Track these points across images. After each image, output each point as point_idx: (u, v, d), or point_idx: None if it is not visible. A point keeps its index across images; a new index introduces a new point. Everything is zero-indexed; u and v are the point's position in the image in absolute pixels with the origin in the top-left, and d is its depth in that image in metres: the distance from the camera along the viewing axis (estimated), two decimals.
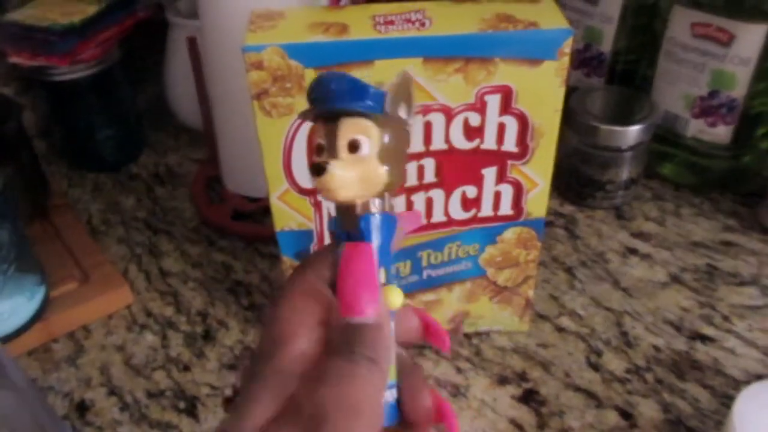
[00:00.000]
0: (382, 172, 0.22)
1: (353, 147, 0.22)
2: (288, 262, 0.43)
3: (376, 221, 0.23)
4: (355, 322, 0.21)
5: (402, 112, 0.23)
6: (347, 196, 0.22)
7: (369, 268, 0.22)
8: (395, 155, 0.22)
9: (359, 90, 0.22)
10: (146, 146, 0.70)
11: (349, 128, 0.22)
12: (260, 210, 0.59)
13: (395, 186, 0.23)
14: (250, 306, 0.51)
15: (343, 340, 0.21)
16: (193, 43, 0.55)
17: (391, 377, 0.24)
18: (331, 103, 0.22)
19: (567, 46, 0.34)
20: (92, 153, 0.67)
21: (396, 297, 0.23)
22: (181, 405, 0.44)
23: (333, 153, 0.22)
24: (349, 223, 0.23)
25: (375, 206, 0.23)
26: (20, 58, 0.58)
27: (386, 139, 0.22)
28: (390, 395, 0.24)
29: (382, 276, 0.23)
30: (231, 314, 0.51)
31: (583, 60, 0.65)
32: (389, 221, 0.23)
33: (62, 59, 0.58)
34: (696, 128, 0.57)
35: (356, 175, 0.22)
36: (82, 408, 0.45)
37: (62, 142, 0.68)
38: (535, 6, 0.36)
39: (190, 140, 0.71)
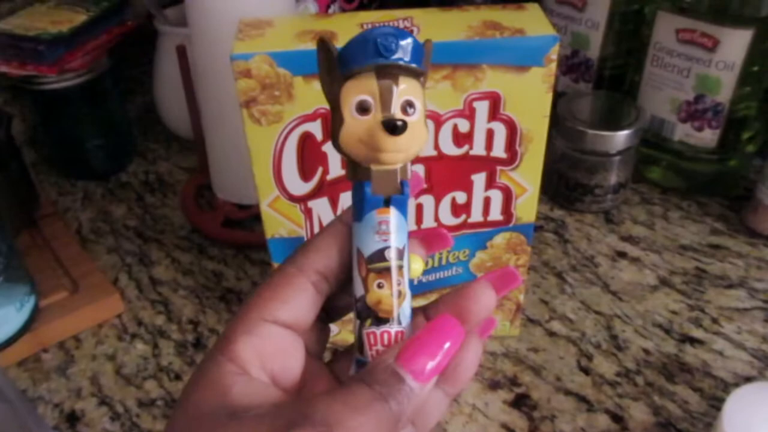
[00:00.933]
0: (426, 135, 0.21)
1: (406, 109, 0.21)
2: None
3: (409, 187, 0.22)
4: (404, 376, 0.20)
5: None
6: (404, 158, 0.21)
7: (454, 346, 0.21)
8: (425, 118, 0.22)
9: (420, 49, 0.21)
10: (136, 155, 0.70)
11: (407, 88, 0.21)
12: (251, 217, 0.59)
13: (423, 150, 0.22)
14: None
15: (383, 379, 0.20)
16: (182, 52, 0.55)
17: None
18: (395, 57, 0.20)
19: (554, 53, 0.35)
20: (82, 162, 0.66)
21: (417, 265, 0.23)
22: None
23: (387, 111, 0.20)
24: (390, 188, 0.22)
25: (409, 171, 0.22)
26: (8, 67, 0.58)
27: (425, 101, 0.21)
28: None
29: (406, 249, 0.22)
30: (222, 322, 0.51)
31: (571, 66, 0.65)
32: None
33: (51, 68, 0.58)
34: (683, 132, 0.58)
35: (411, 137, 0.21)
36: (73, 418, 0.44)
37: (52, 151, 0.68)
38: (522, 13, 0.36)
39: (181, 148, 0.71)
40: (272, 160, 0.38)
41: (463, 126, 0.37)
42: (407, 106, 0.21)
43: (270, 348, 0.22)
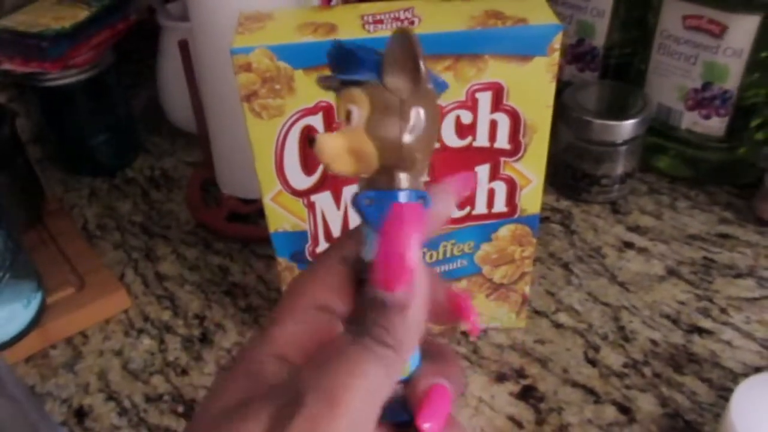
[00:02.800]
0: (369, 144, 0.21)
1: (347, 117, 0.21)
2: (283, 263, 0.43)
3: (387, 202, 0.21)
4: (380, 298, 0.20)
5: (403, 80, 0.20)
6: (344, 169, 0.21)
7: (410, 236, 0.20)
8: (386, 127, 0.21)
9: (351, 59, 0.21)
10: (141, 150, 0.70)
11: (345, 98, 0.21)
12: (256, 212, 0.58)
13: (400, 162, 0.21)
14: (247, 308, 0.51)
15: (364, 317, 0.20)
16: (184, 47, 0.55)
17: (404, 373, 0.22)
18: (335, 73, 0.21)
19: (557, 42, 0.34)
20: (87, 158, 0.67)
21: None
22: (180, 409, 0.44)
23: (340, 124, 0.21)
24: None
25: (403, 181, 0.21)
26: (12, 64, 0.58)
27: (377, 109, 0.21)
28: (401, 388, 0.22)
29: None
30: (228, 316, 0.51)
31: (577, 55, 0.65)
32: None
33: (54, 65, 0.58)
34: (690, 121, 0.57)
35: (346, 146, 0.21)
36: (81, 414, 0.45)
37: (57, 147, 0.68)
38: (525, 2, 0.36)
39: (186, 143, 0.71)
40: (274, 154, 0.37)
41: (466, 117, 0.37)
42: (348, 116, 0.21)
43: (312, 336, 0.22)
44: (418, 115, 0.21)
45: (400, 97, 0.21)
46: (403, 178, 0.21)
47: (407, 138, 0.21)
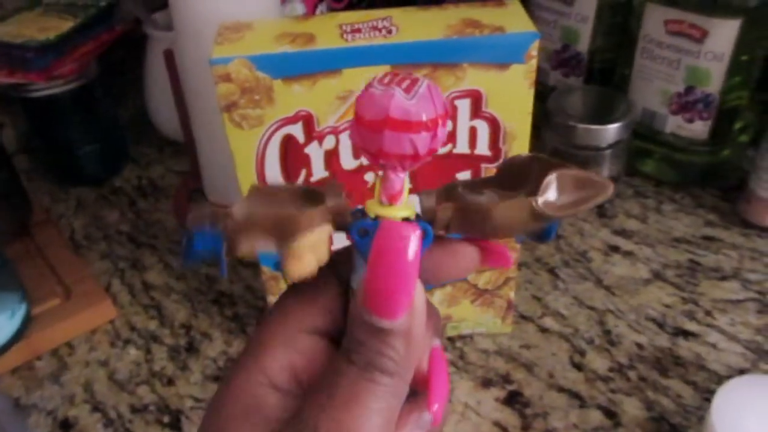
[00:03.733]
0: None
1: None
2: (268, 272, 0.43)
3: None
4: (379, 326, 0.18)
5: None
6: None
7: (406, 256, 0.18)
8: None
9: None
10: (128, 159, 0.70)
11: None
12: None
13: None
14: (234, 317, 0.51)
15: (363, 344, 0.19)
16: (169, 56, 0.55)
17: None
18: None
19: (534, 49, 0.34)
20: (74, 168, 0.66)
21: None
22: (165, 419, 0.44)
23: None
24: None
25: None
26: None
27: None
28: None
29: None
30: (215, 325, 0.51)
31: (561, 60, 0.65)
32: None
33: (39, 75, 0.58)
34: (674, 124, 0.58)
35: None
36: (66, 425, 0.45)
37: (43, 157, 0.68)
38: (501, 10, 0.36)
39: (173, 152, 0.71)
40: (255, 163, 0.38)
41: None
42: None
43: (303, 363, 0.21)
44: None
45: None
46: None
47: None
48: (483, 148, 0.38)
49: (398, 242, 0.18)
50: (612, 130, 0.55)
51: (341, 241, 0.23)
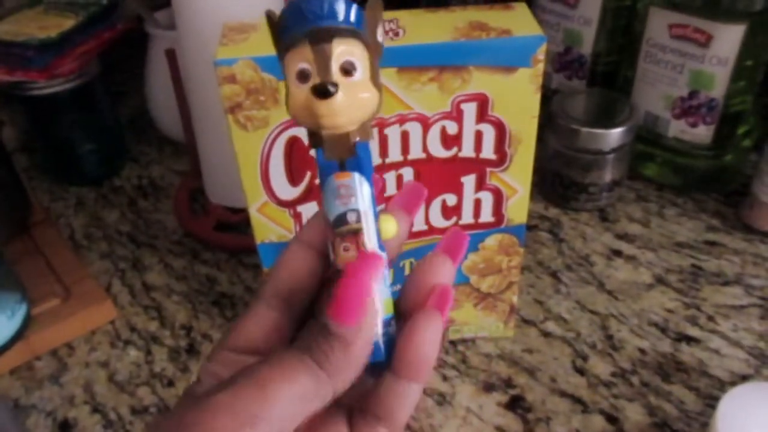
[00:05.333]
0: (374, 96, 0.21)
1: (347, 70, 0.20)
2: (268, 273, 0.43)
3: (369, 149, 0.22)
4: (329, 326, 0.20)
5: (379, 35, 0.21)
6: (347, 121, 0.21)
7: (371, 279, 0.21)
8: (378, 79, 0.21)
9: (355, 9, 0.20)
10: (129, 159, 0.70)
11: (345, 49, 0.20)
12: (244, 221, 0.58)
13: (379, 112, 0.22)
14: (234, 318, 0.51)
15: (310, 337, 0.20)
16: (171, 55, 0.55)
17: (388, 311, 0.22)
18: (327, 20, 0.20)
19: (541, 53, 0.34)
20: (74, 167, 0.66)
21: (390, 225, 0.23)
22: None
23: (326, 77, 0.20)
24: (342, 151, 0.21)
25: (369, 131, 0.22)
26: None
27: (373, 61, 0.21)
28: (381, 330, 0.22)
29: (369, 210, 0.22)
30: (215, 327, 0.51)
31: (564, 63, 0.65)
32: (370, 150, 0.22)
33: (40, 74, 0.57)
34: (677, 129, 0.58)
35: (352, 99, 0.20)
36: (66, 427, 0.44)
37: (43, 156, 0.67)
38: (509, 13, 0.36)
39: (173, 152, 0.70)
40: (260, 165, 0.37)
41: (452, 128, 0.37)
42: (348, 67, 0.20)
43: (226, 373, 0.22)
44: None
45: (380, 50, 0.21)
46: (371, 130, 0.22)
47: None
48: (488, 151, 0.38)
49: (372, 269, 0.21)
50: (615, 134, 0.55)
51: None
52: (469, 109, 0.36)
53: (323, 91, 0.20)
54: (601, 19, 0.61)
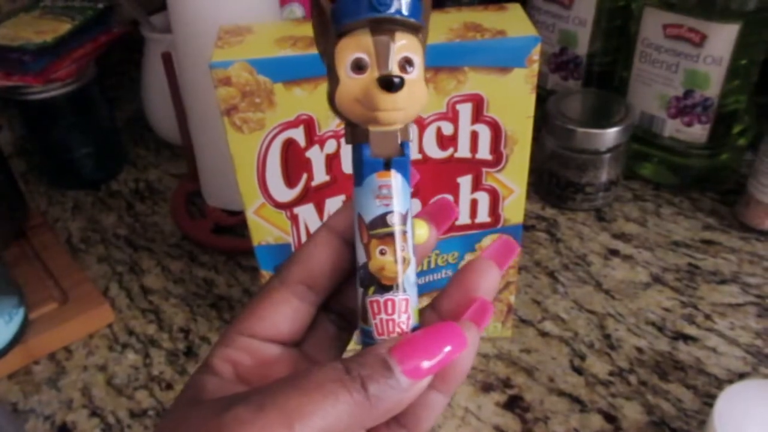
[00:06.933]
0: (426, 95, 0.20)
1: (406, 66, 0.19)
2: (267, 276, 0.43)
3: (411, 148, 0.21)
4: (393, 368, 0.19)
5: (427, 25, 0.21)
6: (404, 118, 0.20)
7: (454, 352, 0.20)
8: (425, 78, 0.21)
9: (417, 3, 0.19)
10: (126, 162, 0.70)
11: (406, 44, 0.19)
12: (241, 223, 0.58)
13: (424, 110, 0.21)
14: (233, 320, 0.51)
15: (364, 363, 0.19)
16: (167, 59, 0.55)
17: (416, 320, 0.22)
18: (391, 9, 0.19)
19: (535, 54, 0.34)
20: (71, 171, 0.66)
21: (422, 230, 0.22)
22: None
23: (383, 68, 0.19)
24: (391, 149, 0.20)
25: (411, 132, 0.21)
26: None
27: (424, 58, 0.20)
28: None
29: (409, 214, 0.21)
30: (213, 329, 0.51)
31: (560, 64, 0.65)
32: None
33: (36, 78, 0.57)
34: (673, 128, 0.58)
35: (411, 96, 0.20)
36: (64, 431, 0.44)
37: (40, 160, 0.67)
38: (503, 14, 0.36)
39: (170, 155, 0.70)
40: (256, 167, 0.37)
41: (447, 129, 0.37)
42: (405, 63, 0.19)
43: (247, 361, 0.22)
44: None
45: (423, 45, 0.21)
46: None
47: None
48: (484, 152, 0.38)
49: (459, 342, 0.20)
50: (611, 134, 0.55)
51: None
52: (465, 110, 0.36)
53: (390, 84, 0.19)
54: (596, 20, 0.61)
